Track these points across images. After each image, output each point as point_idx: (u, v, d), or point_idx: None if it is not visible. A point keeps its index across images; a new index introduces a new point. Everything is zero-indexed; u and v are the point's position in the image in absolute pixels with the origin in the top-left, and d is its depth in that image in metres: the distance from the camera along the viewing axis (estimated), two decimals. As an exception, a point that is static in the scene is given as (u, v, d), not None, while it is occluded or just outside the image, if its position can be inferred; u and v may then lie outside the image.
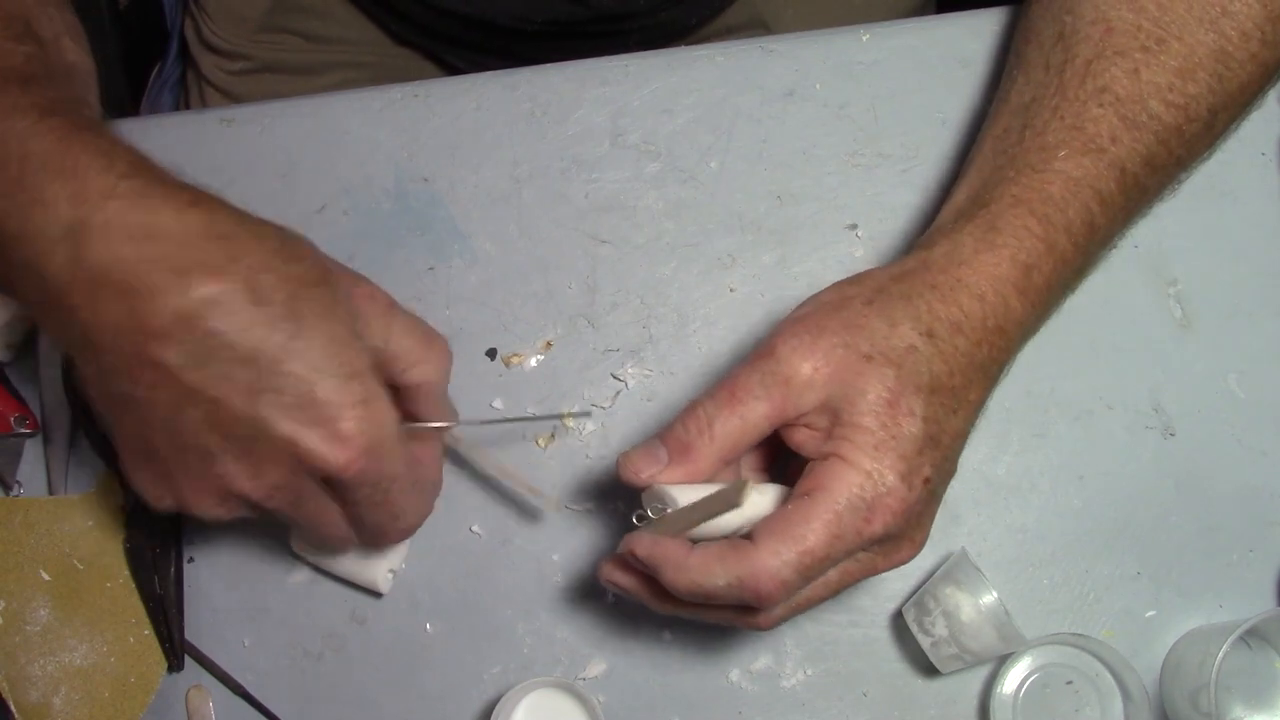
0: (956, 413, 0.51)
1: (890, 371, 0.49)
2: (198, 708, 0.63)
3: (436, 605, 0.64)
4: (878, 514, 0.48)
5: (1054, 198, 0.54)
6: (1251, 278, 0.66)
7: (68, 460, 0.65)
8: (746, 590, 0.48)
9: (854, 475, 0.48)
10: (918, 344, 0.50)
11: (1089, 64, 0.56)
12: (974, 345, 0.51)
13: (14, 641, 0.60)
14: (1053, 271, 0.53)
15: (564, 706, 0.61)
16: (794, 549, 0.48)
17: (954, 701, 0.62)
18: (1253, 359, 0.65)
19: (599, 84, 0.70)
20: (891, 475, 0.49)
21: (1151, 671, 0.62)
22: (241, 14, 0.85)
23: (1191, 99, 0.55)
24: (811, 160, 0.68)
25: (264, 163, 0.69)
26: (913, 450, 0.49)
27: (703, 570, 0.49)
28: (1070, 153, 0.54)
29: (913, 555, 0.52)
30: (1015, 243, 0.53)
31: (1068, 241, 0.54)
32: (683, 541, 0.50)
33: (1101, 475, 0.64)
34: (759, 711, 0.62)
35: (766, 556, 0.48)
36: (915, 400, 0.49)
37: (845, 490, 0.48)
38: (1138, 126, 0.55)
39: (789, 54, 0.70)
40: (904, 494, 0.49)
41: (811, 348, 0.50)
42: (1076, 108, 0.55)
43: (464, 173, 0.69)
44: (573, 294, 0.67)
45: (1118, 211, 0.55)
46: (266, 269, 0.48)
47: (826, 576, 0.50)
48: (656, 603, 0.53)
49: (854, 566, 0.51)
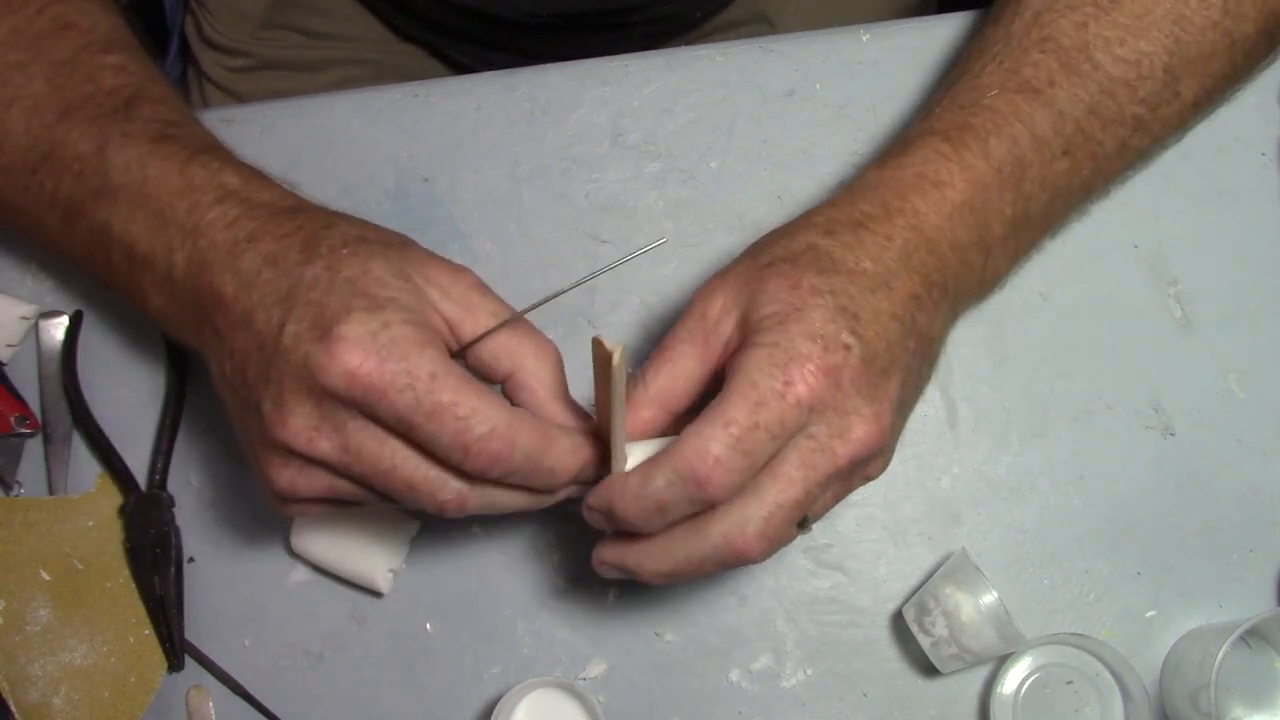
0: (875, 293, 0.49)
1: (787, 265, 0.49)
2: (198, 708, 0.63)
3: (436, 605, 0.64)
4: (794, 375, 0.46)
5: (972, 126, 0.53)
6: (1251, 278, 0.66)
7: (68, 460, 0.65)
8: (687, 481, 0.46)
9: (763, 350, 0.47)
10: (816, 241, 0.50)
11: (1037, 15, 0.56)
12: (883, 239, 0.51)
13: (14, 641, 0.60)
14: (970, 191, 0.52)
15: (564, 706, 0.61)
16: (717, 423, 0.46)
17: (954, 701, 0.62)
18: (1253, 359, 0.65)
19: (599, 84, 0.70)
20: (801, 339, 0.47)
21: (1151, 671, 0.62)
22: (242, 11, 0.84)
23: (1144, 55, 0.55)
24: (811, 160, 0.68)
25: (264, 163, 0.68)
26: (821, 317, 0.48)
27: (642, 481, 0.47)
28: (1002, 92, 0.54)
29: (872, 435, 0.48)
30: (920, 163, 0.53)
31: (987, 166, 0.53)
32: (622, 472, 0.49)
33: (1101, 475, 0.64)
34: (759, 711, 0.62)
35: (693, 440, 0.46)
36: (817, 279, 0.49)
37: (756, 363, 0.47)
38: (1079, 74, 0.54)
39: (789, 54, 0.70)
40: (818, 354, 0.47)
41: (720, 282, 0.51)
42: (1017, 54, 0.55)
43: (464, 173, 0.69)
44: (573, 294, 0.67)
45: (1057, 154, 0.54)
46: (329, 226, 0.51)
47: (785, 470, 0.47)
48: (640, 561, 0.51)
49: (810, 455, 0.48)
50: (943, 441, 0.65)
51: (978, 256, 0.53)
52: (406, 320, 0.47)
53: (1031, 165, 0.54)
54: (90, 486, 0.65)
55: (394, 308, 0.47)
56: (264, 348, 0.48)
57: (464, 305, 0.51)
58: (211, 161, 0.54)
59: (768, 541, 0.48)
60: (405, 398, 0.46)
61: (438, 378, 0.46)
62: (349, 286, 0.48)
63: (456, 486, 0.48)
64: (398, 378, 0.46)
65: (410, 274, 0.50)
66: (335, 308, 0.47)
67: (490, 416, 0.47)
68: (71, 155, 0.55)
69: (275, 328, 0.48)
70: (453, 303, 0.51)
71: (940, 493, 0.64)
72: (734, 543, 0.48)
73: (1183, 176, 0.67)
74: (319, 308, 0.47)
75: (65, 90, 0.56)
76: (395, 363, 0.46)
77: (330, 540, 0.63)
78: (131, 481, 0.64)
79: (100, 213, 0.54)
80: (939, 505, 0.64)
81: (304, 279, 0.48)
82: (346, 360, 0.45)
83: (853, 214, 0.52)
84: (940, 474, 0.64)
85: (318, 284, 0.48)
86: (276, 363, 0.47)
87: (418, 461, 0.48)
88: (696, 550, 0.49)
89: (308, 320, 0.47)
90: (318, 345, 0.46)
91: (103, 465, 0.65)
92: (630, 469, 0.49)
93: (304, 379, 0.46)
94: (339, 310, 0.46)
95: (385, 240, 0.51)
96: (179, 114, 0.57)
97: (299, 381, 0.47)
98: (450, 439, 0.46)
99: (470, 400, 0.46)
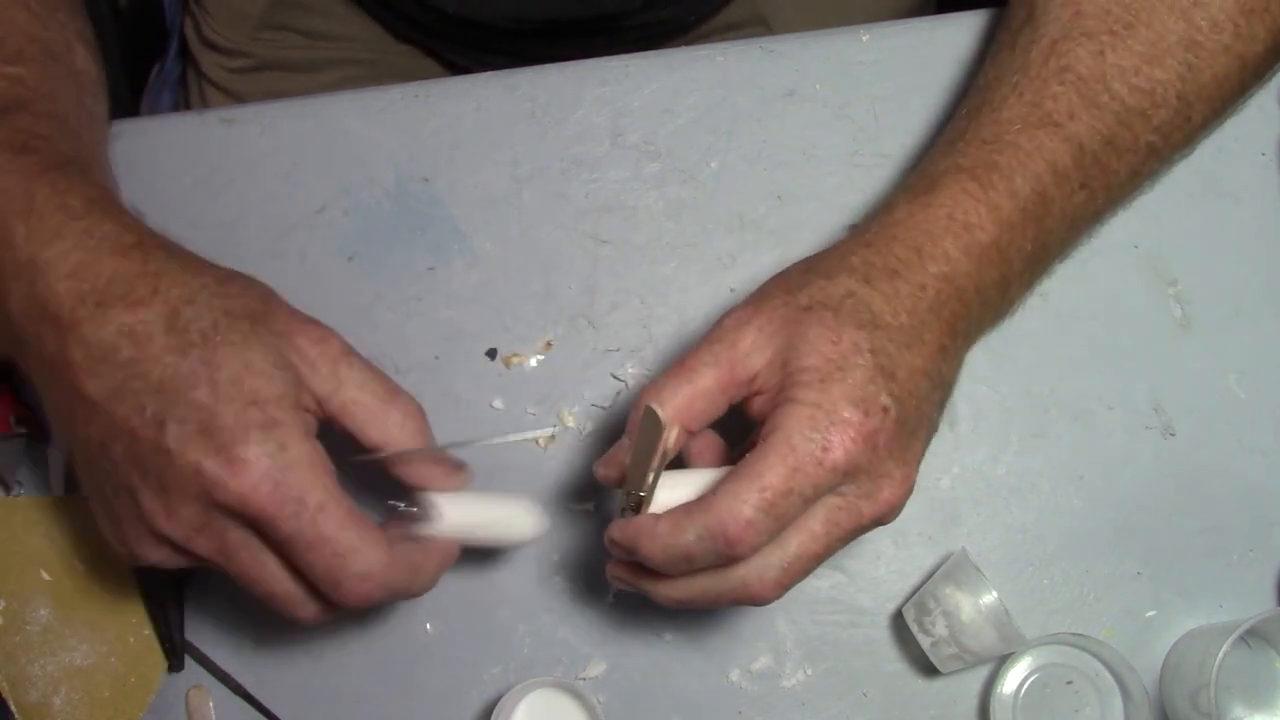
0: (910, 348, 0.50)
1: (829, 314, 0.49)
2: (198, 708, 0.63)
3: (436, 605, 0.64)
4: (834, 440, 0.47)
5: (999, 165, 0.53)
6: (1251, 278, 0.66)
7: (68, 460, 0.65)
8: (717, 539, 0.47)
9: (804, 410, 0.48)
10: (855, 289, 0.51)
11: (1054, 44, 0.56)
12: (917, 289, 0.51)
13: (14, 641, 0.60)
14: (998, 232, 0.52)
15: (564, 706, 0.61)
16: (752, 486, 0.47)
17: (954, 701, 0.62)
18: (1253, 359, 0.65)
19: (599, 84, 0.70)
20: (843, 403, 0.48)
21: (1151, 671, 0.62)
22: (242, 11, 0.84)
23: (1159, 84, 0.55)
24: (811, 160, 0.68)
25: (264, 163, 0.69)
26: (862, 378, 0.48)
27: (671, 530, 0.48)
28: (1024, 127, 0.54)
29: (898, 497, 0.50)
30: (951, 203, 0.53)
31: (1013, 206, 0.53)
32: (652, 515, 0.50)
33: (1101, 475, 0.64)
34: (759, 711, 0.62)
35: (727, 500, 0.47)
36: (858, 335, 0.49)
37: (797, 424, 0.47)
38: (1097, 106, 0.54)
39: (789, 54, 0.70)
40: (859, 420, 0.47)
41: (754, 314, 0.51)
42: (1037, 85, 0.55)
43: (464, 173, 0.69)
44: (573, 294, 0.67)
45: (1075, 188, 0.54)
46: (191, 301, 0.49)
47: (810, 525, 0.49)
48: (656, 589, 0.52)
49: (837, 512, 0.49)
50: (943, 441, 0.65)
51: (998, 294, 0.54)
52: (301, 436, 0.48)
53: (1054, 201, 0.54)
54: (90, 486, 0.65)
55: (287, 422, 0.47)
56: (137, 438, 0.47)
57: (334, 380, 0.51)
58: (60, 180, 0.51)
59: (783, 589, 0.50)
60: (290, 525, 0.47)
61: (325, 509, 0.47)
62: (235, 389, 0.47)
63: (314, 607, 0.50)
64: (286, 505, 0.47)
65: (286, 353, 0.49)
66: (229, 422, 0.46)
67: (369, 559, 0.48)
68: None
69: (152, 422, 0.47)
70: (322, 380, 0.51)
71: (940, 493, 0.64)
72: (750, 587, 0.49)
73: (1183, 176, 0.67)
74: (207, 414, 0.46)
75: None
76: (289, 489, 0.46)
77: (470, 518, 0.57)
78: (131, 481, 0.64)
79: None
80: (939, 505, 0.64)
81: (180, 372, 0.47)
82: (243, 482, 0.46)
83: (889, 260, 0.52)
84: (940, 474, 0.64)
85: (198, 382, 0.47)
86: (157, 459, 0.47)
87: (283, 577, 0.49)
88: (712, 587, 0.50)
89: (193, 424, 0.46)
90: (213, 459, 0.46)
91: (103, 465, 0.65)
92: (661, 515, 0.49)
93: (193, 486, 0.47)
94: (234, 428, 0.46)
95: (249, 310, 0.50)
96: (56, 130, 0.55)
97: (187, 486, 0.47)
98: (323, 572, 0.48)
99: (350, 539, 0.48)
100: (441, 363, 0.66)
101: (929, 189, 0.54)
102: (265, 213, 0.68)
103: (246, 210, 0.68)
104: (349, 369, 0.51)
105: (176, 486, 0.47)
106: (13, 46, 0.57)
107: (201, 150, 0.69)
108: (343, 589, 0.48)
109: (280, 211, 0.68)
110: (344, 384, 0.51)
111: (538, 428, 0.65)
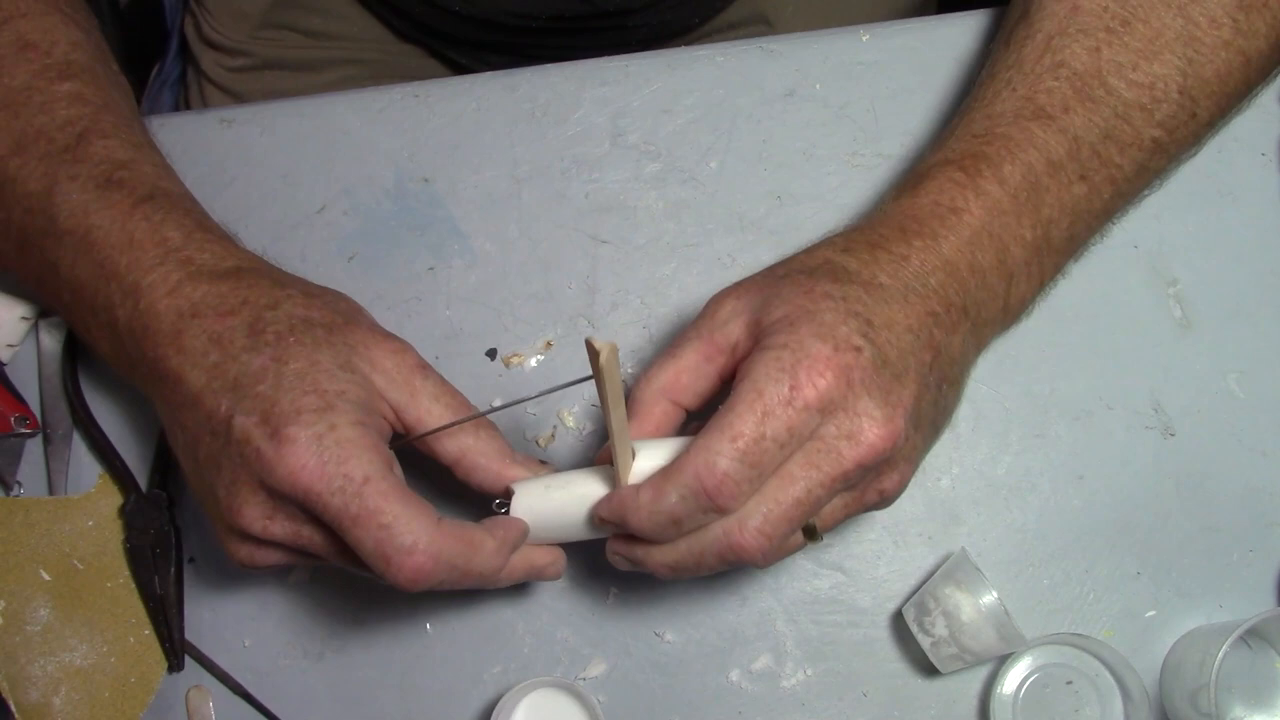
0: (889, 304, 0.49)
1: (803, 276, 0.50)
2: (198, 708, 0.63)
3: (436, 605, 0.64)
4: (802, 378, 0.46)
5: (987, 155, 0.53)
6: (1251, 278, 0.66)
7: (68, 460, 0.65)
8: (699, 495, 0.46)
9: (770, 354, 0.47)
10: (832, 257, 0.51)
11: (1050, 40, 0.56)
12: (898, 258, 0.51)
13: (14, 641, 0.60)
14: (986, 216, 0.52)
15: (564, 706, 0.61)
16: (724, 437, 0.46)
17: (954, 701, 0.62)
18: (1253, 359, 0.65)
19: (599, 84, 0.70)
20: (810, 340, 0.47)
21: (1151, 671, 0.62)
22: (242, 10, 0.85)
23: (1158, 78, 0.55)
24: (811, 160, 0.68)
25: (264, 163, 0.69)
26: (833, 319, 0.47)
27: (655, 497, 0.48)
28: (1016, 119, 0.54)
29: (883, 440, 0.47)
30: (936, 191, 0.53)
31: (1001, 192, 0.52)
32: (633, 485, 0.49)
33: (1101, 475, 0.64)
34: (759, 711, 0.62)
35: (701, 454, 0.46)
36: (831, 286, 0.49)
37: (764, 369, 0.47)
38: (1093, 100, 0.54)
39: (789, 54, 0.70)
40: (828, 353, 0.46)
41: (733, 289, 0.53)
42: (1030, 80, 0.55)
43: (464, 173, 0.69)
44: (573, 294, 0.67)
45: (1073, 179, 0.54)
46: (274, 307, 0.51)
47: (788, 469, 0.47)
48: (650, 556, 0.51)
49: (815, 454, 0.47)
50: (943, 441, 0.64)
51: (999, 281, 0.53)
52: (354, 421, 0.49)
53: (1048, 190, 0.54)
54: (90, 486, 0.65)
55: (341, 407, 0.49)
56: (215, 433, 0.50)
57: (408, 390, 0.53)
58: (154, 213, 0.54)
59: (766, 539, 0.48)
60: (336, 501, 0.47)
61: (370, 482, 0.48)
62: (298, 381, 0.49)
63: None
64: (333, 480, 0.47)
65: (355, 362, 0.51)
66: (285, 406, 0.48)
67: (413, 529, 0.48)
68: (23, 192, 0.55)
69: (224, 417, 0.49)
70: (397, 389, 0.52)
71: (940, 493, 0.64)
72: (732, 536, 0.48)
73: (1183, 176, 0.67)
74: (268, 403, 0.48)
75: (20, 120, 0.56)
76: (334, 465, 0.47)
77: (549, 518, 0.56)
78: (131, 481, 0.64)
79: (49, 251, 0.55)
80: (939, 505, 0.64)
81: (251, 368, 0.49)
82: (291, 461, 0.47)
83: (870, 236, 0.52)
84: (940, 474, 0.64)
85: (265, 376, 0.49)
86: (229, 452, 0.49)
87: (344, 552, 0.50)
88: (697, 543, 0.49)
89: (257, 414, 0.48)
90: (268, 443, 0.48)
91: (103, 465, 0.65)
92: (641, 483, 0.49)
93: (254, 473, 0.48)
94: (289, 410, 0.48)
95: (329, 322, 0.52)
96: (130, 150, 0.57)
97: (250, 475, 0.48)
98: (373, 546, 0.48)
99: (395, 508, 0.48)
100: (441, 363, 0.66)
101: (916, 182, 0.54)
102: (265, 213, 0.68)
103: (246, 210, 0.68)
104: (424, 381, 0.53)
105: (243, 477, 0.49)
106: (59, 55, 0.58)
107: (201, 150, 0.69)
108: (393, 564, 0.47)
109: (280, 211, 0.68)
110: (418, 395, 0.53)
111: (538, 428, 0.65)
